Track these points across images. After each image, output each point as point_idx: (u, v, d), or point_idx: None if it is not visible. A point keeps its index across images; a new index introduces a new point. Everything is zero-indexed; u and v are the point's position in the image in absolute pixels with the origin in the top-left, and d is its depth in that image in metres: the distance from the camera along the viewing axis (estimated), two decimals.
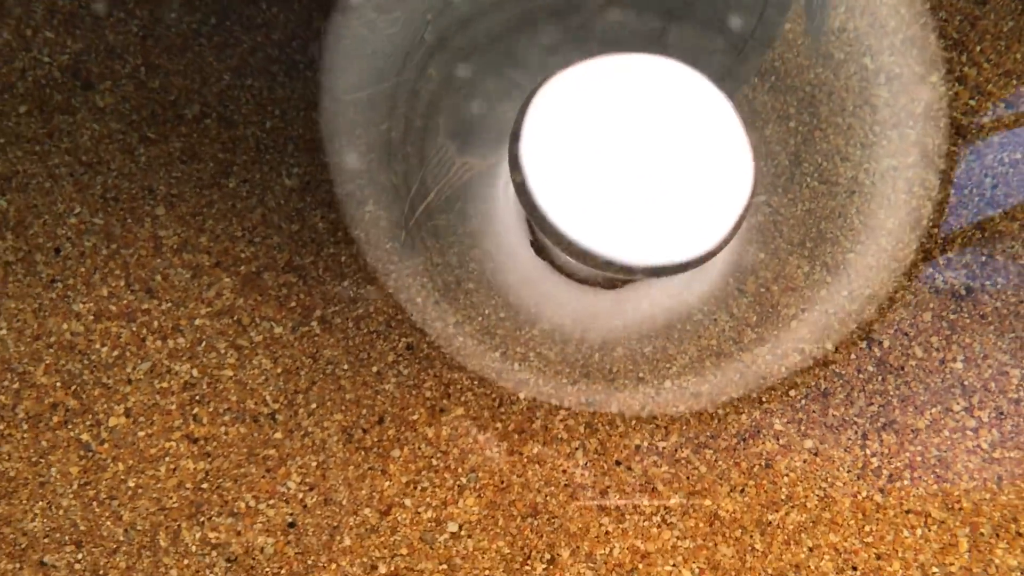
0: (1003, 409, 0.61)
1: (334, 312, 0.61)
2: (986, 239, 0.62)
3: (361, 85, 0.61)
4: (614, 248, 0.51)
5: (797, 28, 0.64)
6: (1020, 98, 0.64)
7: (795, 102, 0.63)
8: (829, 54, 0.64)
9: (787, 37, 0.64)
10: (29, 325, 0.60)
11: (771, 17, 0.64)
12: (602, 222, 0.52)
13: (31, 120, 0.62)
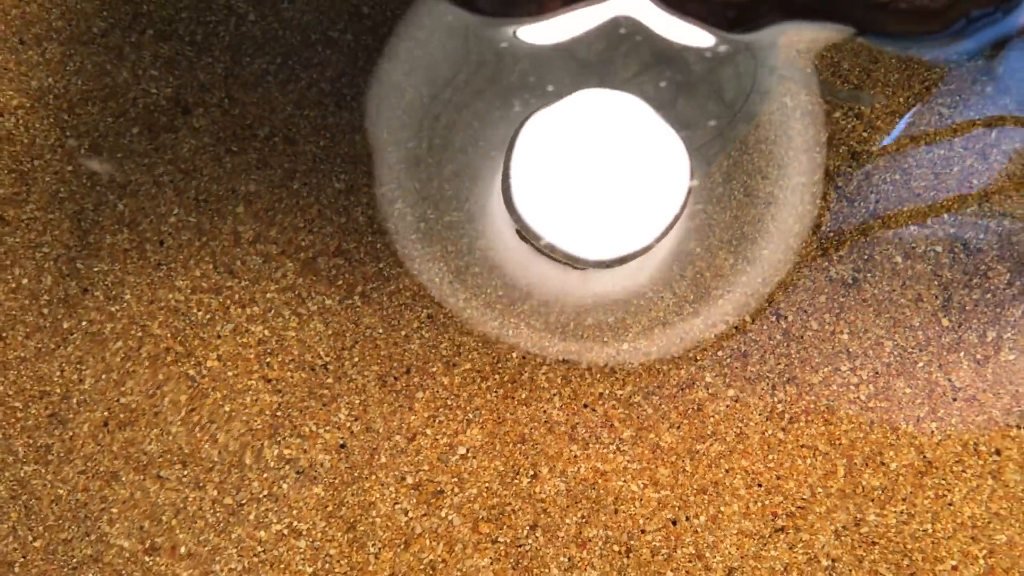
0: (878, 370, 0.83)
1: (372, 288, 0.83)
2: (868, 241, 0.84)
3: (394, 115, 0.83)
4: (576, 246, 0.73)
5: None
6: (900, 132, 0.86)
7: (730, 135, 0.85)
8: (756, 96, 0.85)
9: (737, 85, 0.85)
10: (145, 294, 0.82)
11: (754, 101, 0.85)
12: (567, 225, 0.75)
13: (141, 138, 0.83)
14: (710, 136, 0.82)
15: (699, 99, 0.82)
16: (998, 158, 0.86)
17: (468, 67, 0.81)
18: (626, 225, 0.78)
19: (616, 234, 0.78)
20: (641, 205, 0.77)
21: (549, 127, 0.77)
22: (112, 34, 0.84)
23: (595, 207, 0.78)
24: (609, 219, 0.78)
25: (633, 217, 0.78)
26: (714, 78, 0.80)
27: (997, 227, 0.85)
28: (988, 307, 0.83)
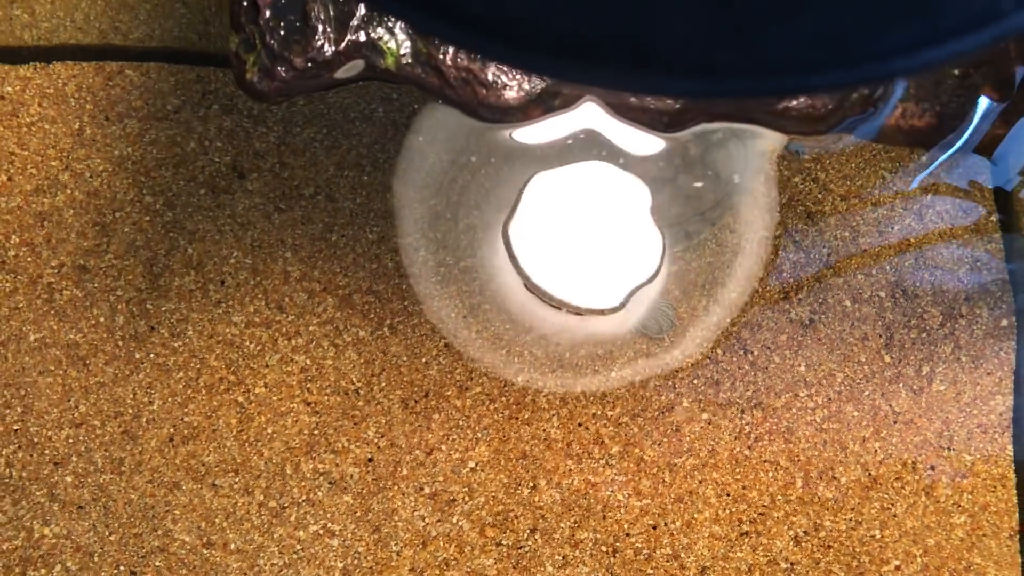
0: (830, 397, 1.01)
1: (399, 322, 1.02)
2: (822, 288, 1.03)
3: (419, 177, 1.03)
4: (569, 296, 0.92)
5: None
6: (850, 194, 1.05)
7: (702, 195, 1.04)
8: (725, 164, 1.05)
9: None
10: (206, 329, 1.01)
11: (734, 196, 1.05)
12: (561, 277, 0.94)
13: (206, 197, 1.03)
14: (702, 212, 1.02)
15: (695, 179, 1.01)
16: (932, 218, 1.05)
17: (481, 137, 1.01)
18: (614, 279, 0.97)
19: (603, 285, 0.97)
20: (625, 260, 0.96)
21: (543, 192, 0.97)
22: (183, 110, 1.05)
23: (584, 261, 0.97)
24: (600, 273, 0.97)
25: (617, 271, 0.97)
26: (710, 159, 0.99)
27: (931, 276, 1.03)
28: (923, 345, 1.02)
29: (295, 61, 0.81)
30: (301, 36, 0.80)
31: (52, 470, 0.98)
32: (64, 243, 1.01)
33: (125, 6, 1.06)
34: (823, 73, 0.21)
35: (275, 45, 0.80)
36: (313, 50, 0.80)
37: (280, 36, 0.80)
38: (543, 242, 0.98)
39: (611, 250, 0.97)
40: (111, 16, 1.06)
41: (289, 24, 0.80)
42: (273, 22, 0.80)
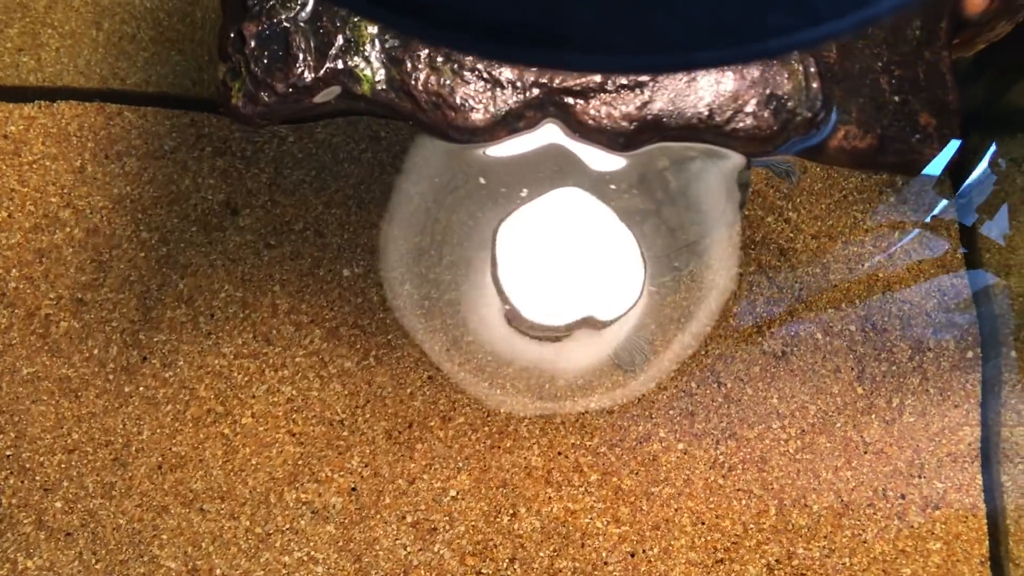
0: (803, 428, 1.06)
1: (383, 354, 1.07)
2: (794, 322, 1.08)
3: (404, 215, 1.09)
4: (548, 318, 0.98)
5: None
6: (821, 232, 1.11)
7: (679, 232, 1.11)
8: (701, 201, 1.11)
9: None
10: (196, 360, 1.06)
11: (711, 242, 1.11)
12: (542, 301, 0.99)
13: (198, 234, 1.09)
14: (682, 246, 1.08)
15: (678, 211, 1.07)
16: (900, 255, 1.11)
17: (462, 178, 1.08)
18: (595, 306, 1.02)
19: (582, 309, 1.02)
20: (605, 285, 1.02)
21: (524, 223, 1.03)
22: (179, 151, 1.11)
23: (566, 288, 1.02)
24: (580, 300, 1.03)
25: (598, 296, 1.02)
26: (692, 192, 1.06)
27: (899, 312, 1.09)
28: (893, 377, 1.06)
29: (277, 87, 0.88)
30: (283, 64, 0.87)
31: (42, 496, 1.02)
32: (62, 277, 1.07)
33: (124, 54, 1.13)
34: (709, 50, 0.26)
35: (259, 72, 0.87)
36: (294, 76, 0.87)
37: (264, 64, 0.87)
38: (526, 274, 1.04)
39: (591, 280, 1.03)
40: (111, 63, 1.13)
41: (272, 53, 0.87)
42: (257, 51, 0.87)
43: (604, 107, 0.87)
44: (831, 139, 0.94)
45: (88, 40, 1.14)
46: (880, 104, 0.96)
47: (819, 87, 0.90)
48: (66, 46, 1.13)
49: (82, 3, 1.15)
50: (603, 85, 0.87)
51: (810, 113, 0.90)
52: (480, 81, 0.87)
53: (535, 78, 0.86)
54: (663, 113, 0.89)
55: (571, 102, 0.89)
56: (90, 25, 1.14)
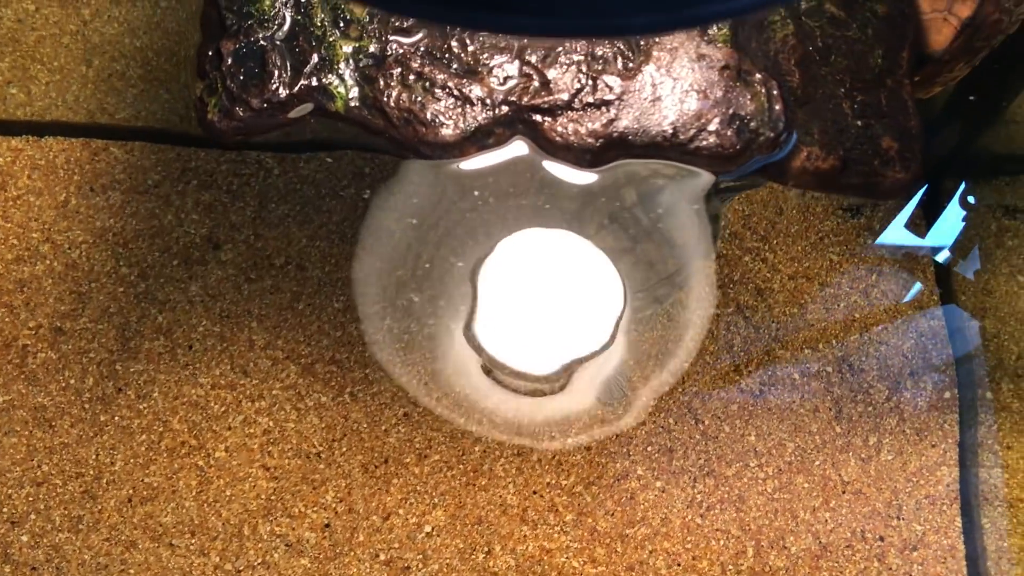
0: (781, 467, 1.06)
1: (359, 389, 1.08)
2: (772, 361, 1.10)
3: (385, 250, 1.11)
4: (522, 363, 0.99)
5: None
6: (798, 273, 1.14)
7: (657, 271, 1.13)
8: (679, 241, 1.14)
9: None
10: (172, 390, 1.07)
11: (688, 277, 1.14)
12: (516, 346, 1.01)
13: (179, 268, 1.11)
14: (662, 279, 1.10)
15: (655, 246, 1.10)
16: (877, 296, 1.13)
17: (444, 214, 1.10)
18: (569, 347, 1.04)
19: (560, 353, 1.04)
20: (581, 325, 1.04)
21: (501, 263, 1.05)
22: (163, 185, 1.14)
23: (541, 331, 1.04)
24: (555, 342, 1.04)
25: (574, 341, 1.04)
26: (664, 227, 1.08)
27: (876, 352, 1.10)
28: (871, 417, 1.08)
29: (252, 102, 0.91)
30: (259, 80, 0.90)
31: (8, 529, 1.02)
32: (42, 307, 1.09)
33: (113, 90, 1.17)
34: (644, 15, 0.28)
35: (234, 88, 0.90)
36: (269, 92, 0.90)
37: (239, 80, 0.90)
38: (505, 322, 1.05)
39: (566, 319, 1.05)
40: (99, 98, 1.16)
41: (248, 70, 0.90)
42: (234, 68, 0.90)
43: (571, 124, 0.91)
44: (794, 160, 0.97)
45: (77, 76, 1.17)
46: (842, 127, 0.99)
47: (781, 109, 0.94)
48: (55, 81, 1.17)
49: (72, 40, 1.18)
50: (570, 103, 0.91)
51: (773, 133, 0.94)
52: (450, 98, 0.90)
53: (504, 96, 0.90)
54: (628, 131, 0.92)
55: (539, 119, 0.92)
56: (80, 62, 1.18)
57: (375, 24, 0.90)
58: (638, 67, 0.92)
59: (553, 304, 1.05)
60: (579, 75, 0.93)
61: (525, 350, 1.05)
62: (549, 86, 0.93)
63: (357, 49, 0.90)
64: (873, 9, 1.02)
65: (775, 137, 0.94)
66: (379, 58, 0.91)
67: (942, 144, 1.22)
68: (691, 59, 0.92)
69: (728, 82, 0.92)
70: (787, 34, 0.97)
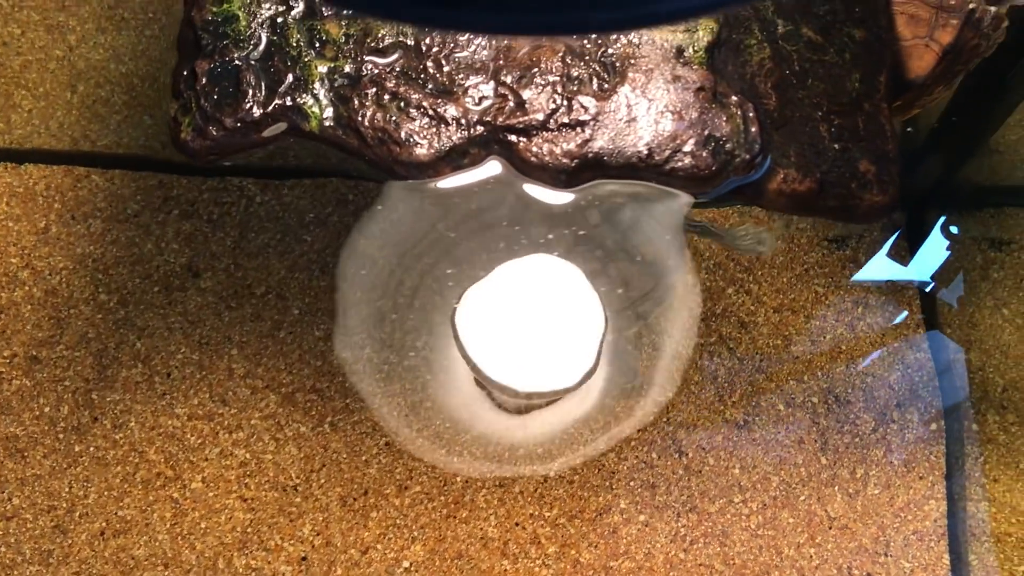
0: (765, 502, 1.06)
1: (339, 418, 1.07)
2: (756, 392, 1.10)
3: (367, 279, 1.11)
4: (511, 380, 0.99)
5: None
6: (783, 305, 1.14)
7: (642, 301, 1.13)
8: (665, 271, 1.14)
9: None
10: (148, 420, 1.06)
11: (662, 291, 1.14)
12: (506, 365, 1.00)
13: (159, 294, 1.11)
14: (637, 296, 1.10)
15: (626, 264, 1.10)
16: (862, 328, 1.13)
17: (427, 241, 1.10)
18: (555, 369, 1.04)
19: (548, 375, 1.04)
20: (566, 351, 1.03)
21: (488, 291, 1.05)
22: (143, 214, 1.14)
23: (528, 353, 1.04)
24: (541, 364, 1.04)
25: (559, 364, 1.04)
26: (630, 245, 1.09)
27: (862, 384, 1.10)
28: (857, 448, 1.07)
29: (225, 121, 0.91)
30: (232, 100, 0.90)
31: None
32: (19, 334, 1.08)
33: (97, 116, 1.17)
34: (604, 10, 0.28)
35: (208, 107, 0.91)
36: (242, 111, 0.91)
37: (213, 99, 0.91)
38: (491, 338, 1.05)
39: (553, 349, 1.04)
40: (83, 125, 1.17)
41: (223, 89, 0.91)
42: (208, 87, 0.91)
43: (546, 144, 0.91)
44: (770, 182, 0.98)
45: (62, 102, 1.18)
46: (820, 150, 1.00)
47: (757, 131, 0.95)
48: (39, 107, 1.17)
49: (58, 66, 1.19)
50: (545, 124, 0.92)
51: (748, 155, 0.95)
52: (425, 118, 0.91)
53: (479, 116, 0.90)
54: (604, 151, 0.93)
55: (514, 139, 0.93)
56: (65, 88, 1.18)
57: (351, 45, 0.91)
58: (613, 88, 0.93)
59: (537, 332, 1.04)
60: (554, 95, 0.94)
61: (512, 371, 1.05)
62: (524, 106, 0.94)
63: (332, 69, 0.91)
64: (851, 34, 1.04)
65: (751, 159, 0.95)
66: (354, 78, 0.92)
67: (926, 175, 1.23)
68: (666, 80, 0.93)
69: (703, 104, 0.93)
70: (763, 57, 0.98)
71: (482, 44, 0.93)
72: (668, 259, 1.11)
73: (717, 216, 1.17)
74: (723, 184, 0.97)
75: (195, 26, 0.94)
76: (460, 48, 0.92)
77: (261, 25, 0.90)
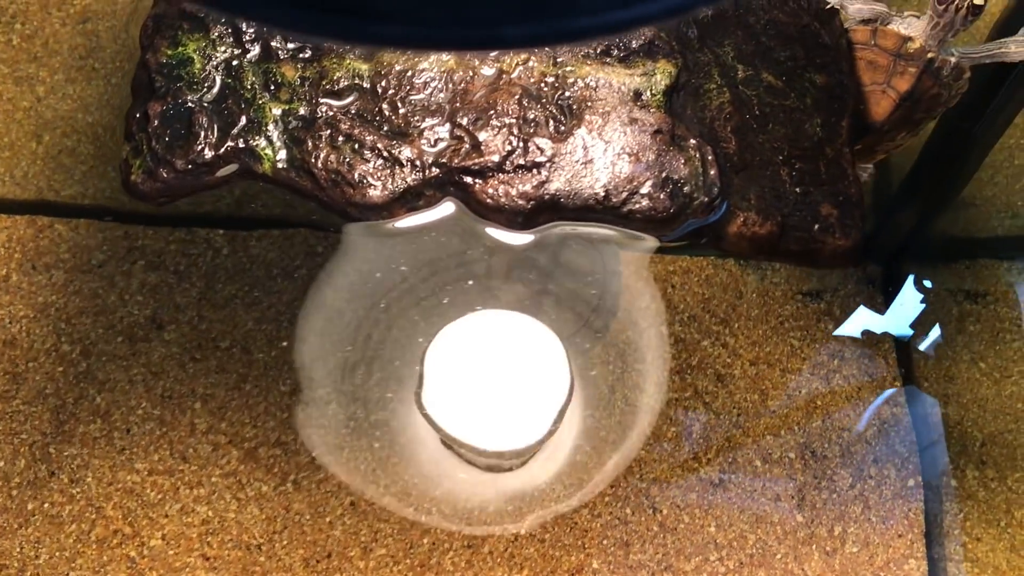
0: (742, 560, 1.04)
1: (303, 476, 1.05)
2: (732, 447, 1.09)
3: (335, 331, 1.10)
4: (475, 439, 0.97)
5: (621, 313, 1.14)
6: (759, 358, 1.14)
7: (614, 354, 1.12)
8: (636, 323, 1.14)
9: (619, 312, 1.14)
10: (106, 476, 1.04)
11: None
12: (471, 424, 0.99)
13: (122, 346, 1.10)
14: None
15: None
16: (839, 382, 1.13)
17: (395, 294, 1.10)
18: (520, 426, 1.03)
19: (512, 432, 1.02)
20: (532, 406, 1.02)
21: (449, 345, 1.04)
22: (108, 265, 1.13)
23: (493, 410, 1.03)
24: (506, 421, 1.03)
25: (525, 420, 1.03)
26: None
27: (838, 439, 1.10)
28: (835, 505, 1.06)
29: (177, 163, 0.92)
30: (184, 142, 0.91)
31: None
32: None
33: (62, 167, 1.17)
34: (519, 25, 0.28)
35: (159, 149, 0.91)
36: (194, 153, 0.91)
37: (165, 141, 0.91)
38: (455, 397, 1.04)
39: (520, 398, 1.03)
40: (48, 175, 1.17)
41: (175, 131, 0.91)
42: (160, 129, 0.91)
43: (502, 186, 0.92)
44: (730, 225, 0.99)
45: (27, 152, 1.18)
46: (780, 194, 1.01)
47: (716, 174, 0.96)
48: (4, 158, 1.17)
49: (24, 116, 1.19)
50: (501, 165, 0.92)
51: (707, 198, 0.95)
52: (379, 159, 0.91)
53: (435, 157, 0.91)
54: (560, 193, 0.94)
55: (470, 181, 0.93)
56: (31, 137, 1.18)
57: (306, 87, 0.92)
58: (570, 130, 0.94)
59: (502, 388, 1.03)
60: (510, 137, 0.95)
61: (480, 428, 1.03)
62: (480, 148, 0.95)
63: (287, 111, 0.91)
64: (812, 79, 1.06)
65: (709, 201, 0.96)
66: (309, 120, 0.93)
67: (900, 227, 1.24)
68: (623, 123, 0.94)
69: (661, 146, 0.94)
70: (723, 102, 1.00)
71: (439, 87, 0.94)
72: (636, 308, 1.11)
73: (691, 265, 1.17)
74: (682, 226, 0.98)
75: (149, 68, 0.95)
76: (416, 91, 0.93)
77: (216, 68, 0.91)
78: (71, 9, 1.27)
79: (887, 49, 1.10)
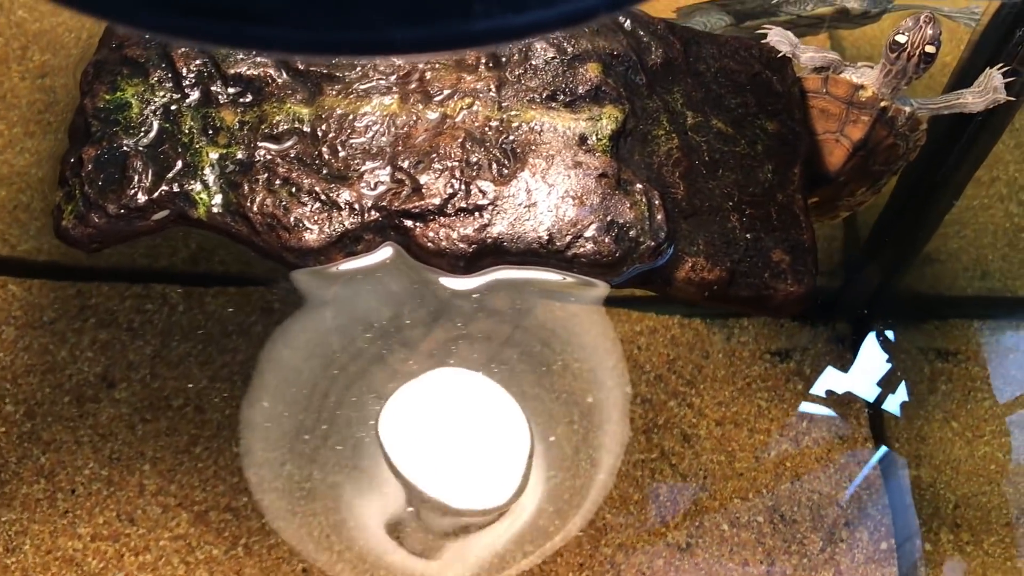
0: None
1: (254, 541, 1.03)
2: (699, 511, 1.07)
3: (290, 391, 1.09)
4: (439, 495, 0.96)
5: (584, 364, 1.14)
6: (726, 419, 1.13)
7: (577, 414, 1.12)
8: (602, 382, 1.13)
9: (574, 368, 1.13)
10: (45, 542, 1.01)
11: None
12: (436, 483, 0.98)
13: (70, 406, 1.08)
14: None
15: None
16: (808, 444, 1.12)
17: (352, 353, 1.09)
18: (483, 487, 1.01)
19: (476, 492, 1.01)
20: (492, 468, 1.01)
21: (414, 400, 1.03)
22: (59, 322, 1.13)
23: (455, 471, 1.02)
24: (469, 482, 1.02)
25: (486, 480, 1.01)
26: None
27: (808, 501, 1.08)
28: (805, 570, 1.05)
29: (109, 208, 0.91)
30: (117, 186, 0.91)
31: None
32: None
33: (17, 222, 1.17)
34: (409, 27, 0.28)
35: (92, 194, 0.91)
36: (127, 198, 0.91)
37: (98, 186, 0.91)
38: (417, 456, 1.03)
39: (481, 459, 1.02)
40: (2, 231, 1.16)
41: (108, 175, 0.91)
42: (93, 174, 0.91)
43: (443, 230, 0.92)
44: (678, 270, 0.99)
45: None
46: (730, 240, 1.02)
47: (663, 219, 0.97)
48: None
49: None
50: (442, 208, 0.93)
51: (654, 242, 0.96)
52: (316, 202, 0.92)
53: (375, 201, 0.91)
54: (503, 237, 0.94)
55: (410, 224, 0.93)
56: None
57: (245, 131, 0.92)
58: (513, 173, 0.95)
59: (462, 449, 1.02)
60: (452, 180, 0.95)
61: (444, 488, 1.02)
62: (421, 191, 0.95)
63: (224, 156, 0.92)
64: (763, 126, 1.07)
65: (656, 246, 0.97)
66: (246, 164, 0.93)
67: (868, 284, 1.25)
68: (567, 166, 0.95)
69: (606, 190, 0.95)
70: (672, 147, 1.01)
71: (380, 130, 0.95)
72: (601, 367, 1.11)
73: (657, 324, 1.17)
74: (628, 271, 0.98)
75: (86, 113, 0.95)
76: (357, 134, 0.94)
77: (154, 112, 0.91)
78: (30, 64, 1.28)
79: (839, 97, 1.12)
